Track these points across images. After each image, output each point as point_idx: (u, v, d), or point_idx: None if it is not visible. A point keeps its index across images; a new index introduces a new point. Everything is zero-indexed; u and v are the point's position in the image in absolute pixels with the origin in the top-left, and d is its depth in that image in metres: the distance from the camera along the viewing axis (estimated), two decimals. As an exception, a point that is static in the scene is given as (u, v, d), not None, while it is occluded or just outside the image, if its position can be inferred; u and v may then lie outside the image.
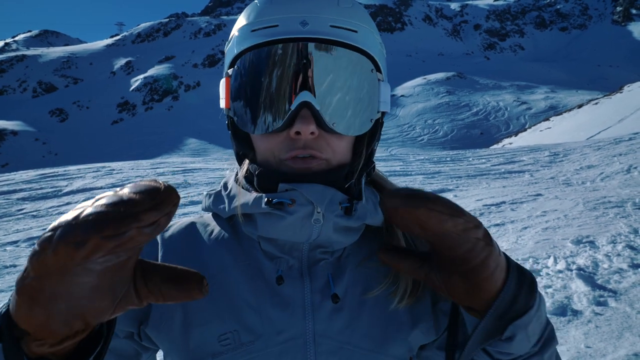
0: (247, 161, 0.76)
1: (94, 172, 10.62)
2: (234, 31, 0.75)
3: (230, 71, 0.74)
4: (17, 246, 6.21)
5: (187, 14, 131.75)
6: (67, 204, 8.18)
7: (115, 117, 68.87)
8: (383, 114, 0.77)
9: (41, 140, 57.51)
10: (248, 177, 0.75)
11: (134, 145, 51.73)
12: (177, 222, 0.81)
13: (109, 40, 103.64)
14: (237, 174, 0.78)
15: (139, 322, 0.73)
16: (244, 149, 0.77)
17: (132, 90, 77.33)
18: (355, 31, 0.71)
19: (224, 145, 46.88)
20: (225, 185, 0.79)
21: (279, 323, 0.69)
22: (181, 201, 7.62)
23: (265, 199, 0.69)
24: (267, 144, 0.72)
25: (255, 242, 0.74)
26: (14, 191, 8.98)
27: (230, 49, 0.75)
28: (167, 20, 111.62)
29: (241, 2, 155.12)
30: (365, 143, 0.76)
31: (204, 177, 9.85)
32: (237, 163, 0.80)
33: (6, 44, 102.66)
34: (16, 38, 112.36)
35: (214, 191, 0.80)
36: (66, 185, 9.33)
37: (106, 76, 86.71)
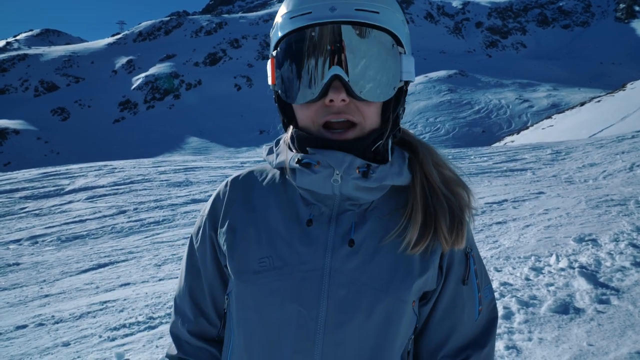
0: (289, 131, 0.91)
1: (95, 170, 10.64)
2: (277, 18, 0.88)
3: (274, 52, 0.88)
4: (20, 244, 6.22)
5: (188, 12, 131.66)
6: (70, 202, 8.20)
7: (117, 116, 68.92)
8: (407, 83, 0.88)
9: (43, 139, 57.59)
10: (291, 138, 0.91)
11: (135, 144, 51.78)
12: (241, 171, 1.01)
13: (111, 39, 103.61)
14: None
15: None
16: (288, 118, 0.92)
17: (134, 88, 77.34)
18: (377, 12, 0.82)
19: (225, 144, 46.88)
20: (277, 142, 0.95)
21: (304, 256, 0.85)
22: (183, 199, 7.66)
23: (297, 159, 0.85)
24: (306, 113, 0.85)
25: (296, 189, 0.90)
26: (17, 190, 9.00)
27: (274, 34, 0.88)
28: (168, 18, 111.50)
29: (242, 1, 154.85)
30: (392, 109, 0.87)
31: (206, 176, 9.86)
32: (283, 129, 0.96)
33: (8, 43, 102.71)
34: (18, 37, 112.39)
35: (270, 145, 0.96)
36: (68, 184, 9.34)
37: (107, 75, 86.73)
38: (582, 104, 33.92)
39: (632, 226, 5.05)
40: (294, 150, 0.88)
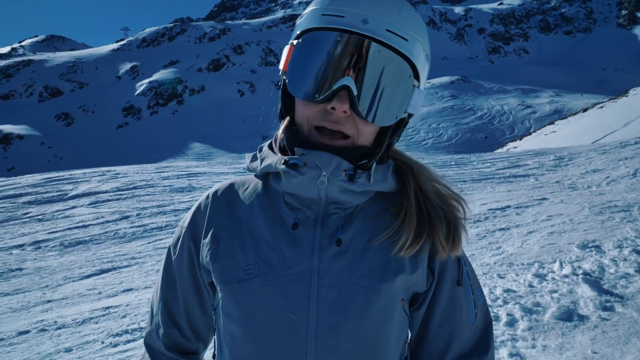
0: (283, 124, 0.90)
1: (99, 175, 10.66)
2: (307, 10, 0.88)
3: (295, 42, 0.86)
4: (23, 249, 6.23)
5: (191, 18, 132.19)
6: (73, 207, 8.22)
7: (121, 121, 69.16)
8: (410, 115, 0.88)
9: (47, 144, 57.82)
10: (275, 139, 0.91)
11: (138, 149, 51.92)
12: (222, 183, 0.99)
13: (115, 45, 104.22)
14: (270, 143, 0.94)
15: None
16: (286, 108, 0.91)
17: (137, 94, 77.66)
18: (406, 40, 0.82)
19: (228, 150, 46.93)
20: (260, 149, 0.95)
21: (290, 259, 0.84)
22: (186, 205, 7.65)
23: (283, 160, 0.84)
24: (306, 110, 0.84)
25: (280, 195, 0.90)
26: (20, 195, 9.03)
27: (300, 24, 0.88)
28: (172, 25, 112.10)
29: (245, 7, 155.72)
30: (388, 135, 0.87)
31: (209, 181, 9.87)
32: (278, 120, 0.95)
33: (13, 49, 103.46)
34: (23, 43, 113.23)
35: (252, 153, 0.97)
36: (71, 189, 9.37)
37: (111, 80, 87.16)
38: (584, 110, 33.85)
39: (635, 232, 5.02)
40: (278, 154, 0.88)
